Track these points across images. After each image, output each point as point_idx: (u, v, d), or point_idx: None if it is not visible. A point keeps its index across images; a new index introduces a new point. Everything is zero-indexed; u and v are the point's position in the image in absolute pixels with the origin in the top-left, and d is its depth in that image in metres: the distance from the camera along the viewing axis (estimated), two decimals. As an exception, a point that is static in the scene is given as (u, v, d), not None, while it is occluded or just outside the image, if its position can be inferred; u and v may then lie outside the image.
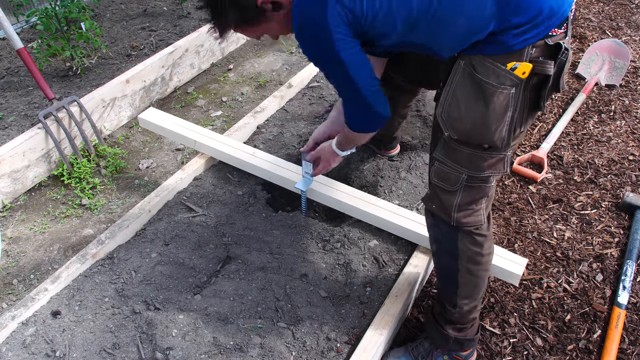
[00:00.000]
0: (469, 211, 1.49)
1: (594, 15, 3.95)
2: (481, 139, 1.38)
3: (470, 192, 1.47)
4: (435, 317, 1.72)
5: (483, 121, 1.35)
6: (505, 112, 1.35)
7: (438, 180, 1.50)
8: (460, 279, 1.58)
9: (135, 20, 3.70)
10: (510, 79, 1.31)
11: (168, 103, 3.09)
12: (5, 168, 2.34)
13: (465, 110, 1.36)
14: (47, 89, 2.57)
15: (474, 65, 1.33)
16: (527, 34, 1.27)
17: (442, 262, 1.62)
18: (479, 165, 1.43)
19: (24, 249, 2.20)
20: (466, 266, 1.56)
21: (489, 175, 1.45)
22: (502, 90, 1.32)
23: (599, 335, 1.94)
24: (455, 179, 1.46)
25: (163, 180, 2.48)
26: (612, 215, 2.40)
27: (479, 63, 1.32)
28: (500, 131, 1.37)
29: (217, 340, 1.73)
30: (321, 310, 1.83)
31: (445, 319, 1.68)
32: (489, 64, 1.31)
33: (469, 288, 1.60)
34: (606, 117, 2.98)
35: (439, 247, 1.61)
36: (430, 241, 1.66)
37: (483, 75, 1.32)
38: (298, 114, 2.84)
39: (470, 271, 1.57)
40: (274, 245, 2.05)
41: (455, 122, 1.39)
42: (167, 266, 1.98)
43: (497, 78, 1.31)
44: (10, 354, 1.71)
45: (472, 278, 1.58)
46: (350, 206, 2.12)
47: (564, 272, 2.16)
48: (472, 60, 1.33)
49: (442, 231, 1.56)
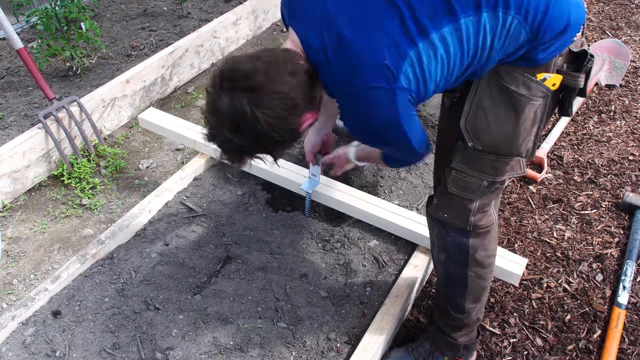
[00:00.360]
0: (484, 213, 1.48)
1: (594, 15, 3.95)
2: (508, 150, 1.36)
3: (489, 196, 1.46)
4: (440, 327, 1.69)
5: (513, 133, 1.32)
6: (533, 124, 1.33)
7: (457, 189, 1.45)
8: (470, 284, 1.55)
9: (135, 20, 3.70)
10: (541, 90, 1.28)
11: (168, 103, 3.09)
12: (5, 168, 2.34)
13: (493, 122, 1.32)
14: (47, 89, 2.57)
15: (501, 75, 1.29)
16: (553, 47, 1.25)
17: (451, 271, 1.58)
18: (501, 170, 1.41)
19: (24, 249, 2.20)
20: (475, 270, 1.54)
21: (507, 178, 1.45)
22: (534, 102, 1.29)
23: (599, 335, 1.94)
24: (476, 187, 1.43)
25: (163, 180, 2.48)
26: (612, 215, 2.40)
27: (506, 73, 1.29)
28: (527, 142, 1.36)
29: (217, 340, 1.73)
30: (321, 310, 1.83)
31: (452, 327, 1.66)
32: (519, 74, 1.27)
33: (477, 292, 1.58)
34: (606, 117, 2.98)
35: (447, 257, 1.56)
36: (437, 250, 1.60)
37: (513, 85, 1.28)
38: (298, 114, 2.83)
39: (478, 275, 1.55)
40: (274, 245, 2.05)
41: (482, 133, 1.34)
42: (167, 266, 1.98)
43: (528, 90, 1.28)
44: (10, 354, 1.71)
45: (480, 282, 1.57)
46: (350, 206, 2.12)
47: (564, 272, 2.16)
48: (498, 69, 1.29)
49: (453, 239, 1.52)
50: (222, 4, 3.92)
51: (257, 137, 1.23)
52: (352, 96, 1.26)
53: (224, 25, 3.39)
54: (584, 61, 1.29)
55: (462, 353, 1.70)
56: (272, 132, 1.21)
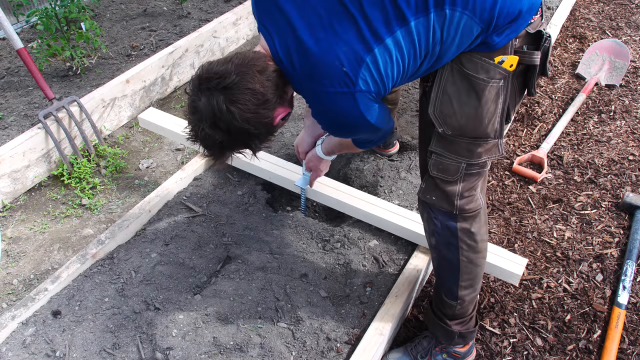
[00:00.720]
0: (470, 197, 1.52)
1: (594, 15, 3.95)
2: (475, 132, 1.42)
3: (470, 179, 1.50)
4: (437, 315, 1.73)
5: (476, 115, 1.39)
6: (496, 104, 1.39)
7: (438, 172, 1.51)
8: (461, 269, 1.59)
9: (135, 20, 3.70)
10: (499, 72, 1.35)
11: (168, 103, 3.09)
12: (5, 168, 2.34)
13: (458, 106, 1.39)
14: (47, 89, 2.57)
15: (462, 62, 1.36)
16: (508, 30, 1.32)
17: (442, 254, 1.62)
18: (476, 152, 1.46)
19: (24, 249, 2.20)
20: (466, 255, 1.57)
21: (486, 160, 1.49)
22: (493, 84, 1.36)
23: (599, 335, 1.94)
24: (455, 169, 1.48)
25: (163, 180, 2.48)
26: (612, 215, 2.40)
27: (467, 59, 1.35)
28: (493, 123, 1.42)
29: (217, 340, 1.73)
30: (321, 310, 1.83)
31: (448, 315, 1.69)
32: (477, 59, 1.34)
33: (470, 278, 1.61)
34: (606, 117, 2.98)
35: (438, 240, 1.61)
36: (428, 235, 1.66)
37: (472, 70, 1.35)
38: (298, 114, 2.84)
39: (470, 260, 1.58)
40: (274, 245, 2.05)
41: (448, 118, 1.41)
42: (167, 266, 1.98)
43: (486, 73, 1.35)
44: (10, 354, 1.71)
45: (472, 267, 1.60)
46: (350, 206, 2.12)
47: (564, 272, 2.16)
48: (460, 57, 1.36)
49: (441, 223, 1.57)
50: (222, 4, 3.92)
51: (234, 132, 1.34)
52: (317, 99, 1.39)
53: (224, 25, 3.39)
54: (541, 41, 1.37)
55: (456, 341, 1.72)
56: (248, 125, 1.32)
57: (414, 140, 2.59)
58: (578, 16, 3.94)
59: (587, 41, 3.62)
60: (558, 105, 3.08)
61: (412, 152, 2.51)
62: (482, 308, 2.03)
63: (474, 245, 1.57)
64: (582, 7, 4.06)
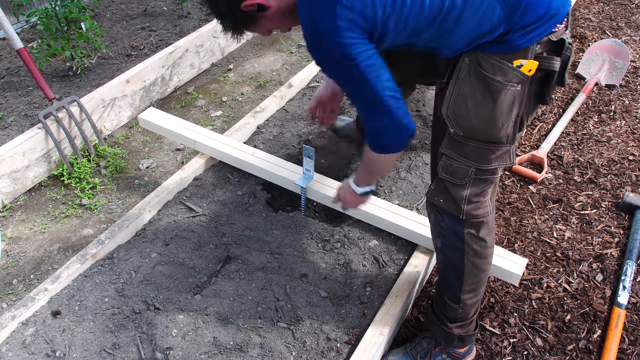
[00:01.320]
0: (477, 203, 1.50)
1: (594, 15, 3.95)
2: (486, 135, 1.39)
3: (479, 185, 1.48)
4: (438, 317, 1.72)
5: (490, 118, 1.36)
6: (511, 109, 1.36)
7: (447, 174, 1.49)
8: (466, 273, 1.58)
9: (135, 20, 3.70)
10: (517, 76, 1.32)
11: (168, 103, 3.09)
12: (5, 168, 2.34)
13: (472, 107, 1.37)
14: (47, 89, 2.57)
15: (480, 63, 1.33)
16: (533, 33, 1.29)
17: (448, 258, 1.61)
18: (486, 157, 1.43)
19: (24, 249, 2.20)
20: (472, 260, 1.56)
21: (496, 167, 1.46)
22: (510, 87, 1.33)
23: (599, 335, 1.94)
24: (464, 173, 1.46)
25: (163, 180, 2.48)
26: (612, 215, 2.40)
27: (485, 60, 1.33)
28: (506, 128, 1.39)
29: (217, 340, 1.73)
30: (321, 310, 1.83)
31: (449, 317, 1.68)
32: (495, 61, 1.32)
33: (473, 283, 1.60)
34: (606, 117, 2.98)
35: (444, 243, 1.60)
36: (434, 237, 1.64)
37: (490, 72, 1.32)
38: (298, 114, 2.84)
39: (475, 265, 1.57)
40: (274, 245, 2.06)
41: (461, 118, 1.39)
42: (167, 266, 1.98)
43: (504, 76, 1.32)
44: (10, 354, 1.71)
45: (477, 272, 1.59)
46: (350, 206, 2.12)
47: (564, 272, 2.16)
48: (478, 57, 1.33)
49: (448, 226, 1.55)
50: (222, 4, 3.92)
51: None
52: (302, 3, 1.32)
53: (224, 25, 3.39)
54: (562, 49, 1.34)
55: (456, 344, 1.71)
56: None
57: (414, 140, 2.59)
58: (578, 16, 3.94)
59: (587, 41, 3.62)
60: (558, 105, 3.08)
61: (412, 152, 2.51)
62: (482, 308, 2.03)
63: (480, 250, 1.55)
64: (582, 7, 4.06)
